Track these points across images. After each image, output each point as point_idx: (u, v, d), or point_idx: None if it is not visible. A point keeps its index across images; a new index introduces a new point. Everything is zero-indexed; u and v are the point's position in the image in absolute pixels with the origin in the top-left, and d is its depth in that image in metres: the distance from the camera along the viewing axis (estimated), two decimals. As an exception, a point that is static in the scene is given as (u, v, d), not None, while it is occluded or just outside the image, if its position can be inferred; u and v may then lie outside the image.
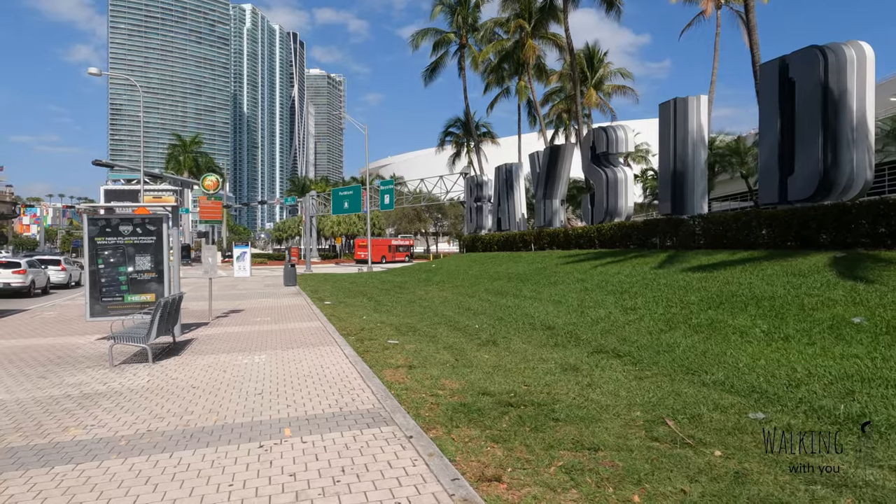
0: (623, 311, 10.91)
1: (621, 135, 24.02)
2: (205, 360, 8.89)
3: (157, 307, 8.63)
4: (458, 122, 50.57)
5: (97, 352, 9.84)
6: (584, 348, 8.91)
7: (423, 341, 10.25)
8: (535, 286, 16.02)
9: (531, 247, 29.23)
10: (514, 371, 7.61)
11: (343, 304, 17.59)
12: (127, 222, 11.31)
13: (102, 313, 11.18)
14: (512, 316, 12.47)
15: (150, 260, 11.41)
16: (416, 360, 8.52)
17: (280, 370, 7.97)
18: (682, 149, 19.77)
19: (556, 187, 29.21)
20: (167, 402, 6.36)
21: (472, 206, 39.66)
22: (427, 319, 13.12)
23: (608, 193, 24.11)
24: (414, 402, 6.18)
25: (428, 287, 21.21)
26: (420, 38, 42.15)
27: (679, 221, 19.16)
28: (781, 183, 15.79)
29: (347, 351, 9.34)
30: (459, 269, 26.17)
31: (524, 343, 9.70)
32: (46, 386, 7.31)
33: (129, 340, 8.53)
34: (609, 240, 22.89)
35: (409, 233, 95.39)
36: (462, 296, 17.23)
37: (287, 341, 10.56)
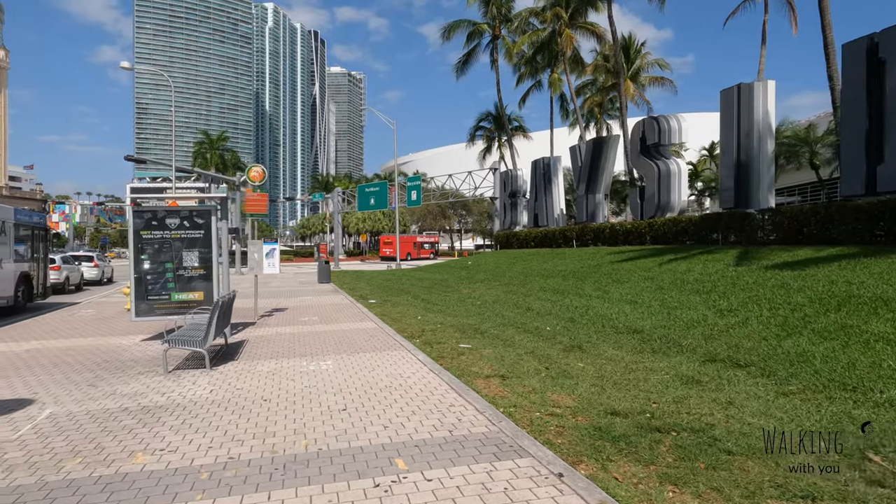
0: (718, 313, 9.81)
1: (674, 124, 22.76)
2: (266, 365, 8.02)
3: (215, 308, 7.78)
4: (490, 117, 49.40)
5: (145, 355, 9.04)
6: (690, 356, 7.85)
7: (497, 345, 9.27)
8: (597, 285, 14.94)
9: (573, 243, 28.07)
10: (625, 383, 6.59)
11: (389, 302, 16.69)
12: (174, 215, 10.52)
13: (148, 312, 10.42)
14: (584, 317, 11.44)
15: (198, 255, 10.61)
16: (503, 369, 7.54)
17: (355, 379, 7.05)
18: (747, 138, 18.51)
19: (600, 181, 28.01)
20: (241, 420, 5.47)
21: (505, 201, 38.61)
22: (489, 320, 12.15)
23: (660, 187, 22.89)
24: (532, 423, 5.21)
25: (473, 285, 20.23)
26: (452, 29, 41.08)
27: (744, 216, 17.89)
28: (869, 173, 14.50)
29: (420, 357, 8.40)
30: (500, 266, 25.14)
31: (614, 349, 8.67)
32: (99, 396, 6.48)
33: (185, 344, 7.68)
34: (662, 236, 21.68)
35: (434, 230, 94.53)
36: (516, 294, 16.21)
37: (347, 344, 9.66)
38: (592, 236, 26.62)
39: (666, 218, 21.90)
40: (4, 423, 5.49)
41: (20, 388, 6.92)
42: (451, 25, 41.19)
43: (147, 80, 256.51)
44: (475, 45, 41.53)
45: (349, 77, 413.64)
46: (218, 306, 7.77)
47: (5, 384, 7.15)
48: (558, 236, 30.01)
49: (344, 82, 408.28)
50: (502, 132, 48.97)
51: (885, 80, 14.02)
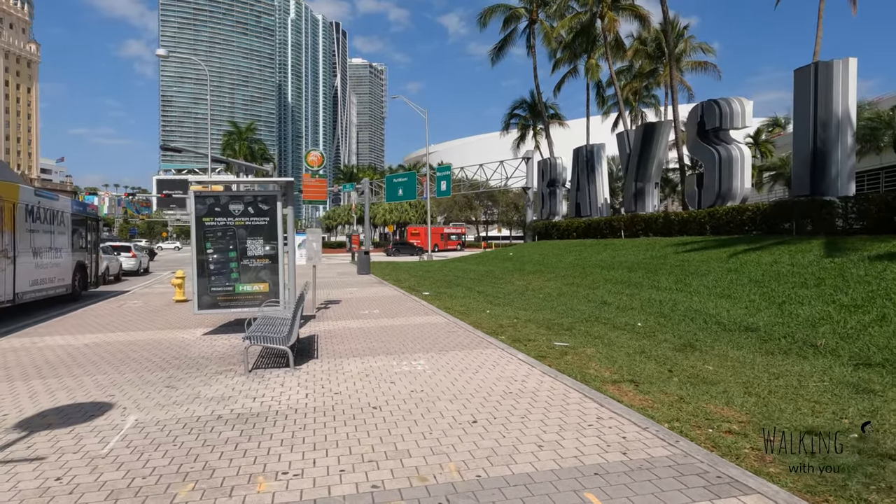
0: (841, 309, 8.78)
1: (736, 108, 21.49)
2: (353, 365, 7.24)
3: (300, 302, 7.02)
4: (524, 104, 48.15)
5: (214, 351, 8.34)
6: (834, 359, 6.88)
7: (596, 344, 8.39)
8: (674, 277, 13.93)
9: (620, 233, 26.95)
10: (781, 392, 5.68)
11: (445, 294, 15.89)
12: (237, 201, 9.80)
13: (211, 305, 9.74)
14: (675, 312, 10.48)
15: (263, 244, 9.88)
16: (623, 372, 6.67)
17: (463, 383, 6.23)
18: (826, 121, 17.25)
19: (650, 169, 26.81)
20: (360, 434, 4.68)
21: (543, 191, 37.53)
22: (566, 315, 11.26)
23: (720, 174, 21.68)
24: (717, 443, 4.33)
25: (526, 277, 19.33)
26: (488, 15, 39.89)
27: (823, 203, 16.67)
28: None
29: (520, 356, 7.56)
30: (547, 257, 24.17)
31: (734, 348, 7.73)
32: (182, 400, 5.76)
33: (268, 342, 6.93)
34: (724, 225, 20.49)
35: (460, 221, 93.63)
36: (580, 287, 15.27)
37: (429, 341, 8.85)
38: (643, 226, 25.46)
39: (728, 206, 20.70)
40: (89, 434, 4.78)
41: (92, 390, 6.24)
42: (487, 11, 40.04)
43: (172, 73, 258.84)
44: (511, 30, 40.33)
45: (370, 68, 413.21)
46: (301, 300, 7.00)
47: (75, 384, 6.49)
48: (604, 226, 28.88)
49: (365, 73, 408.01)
50: (538, 120, 47.76)
51: None
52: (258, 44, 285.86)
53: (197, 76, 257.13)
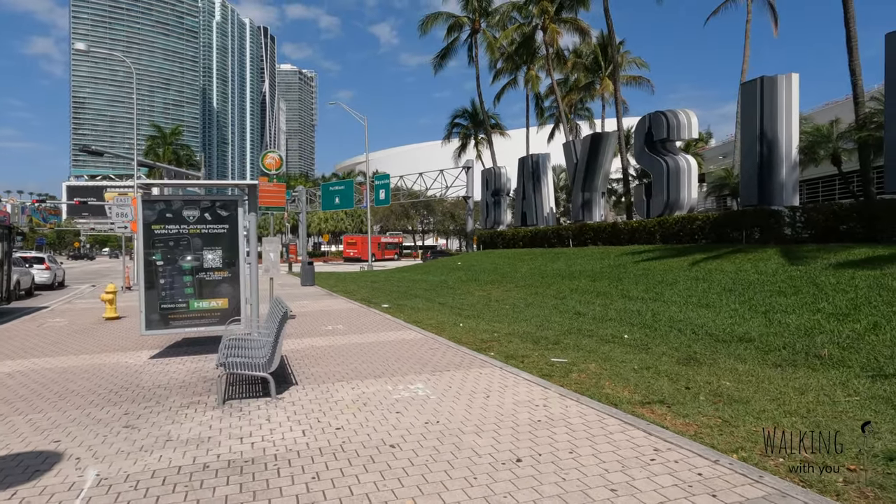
0: (829, 317, 8.75)
1: (683, 119, 22.04)
2: (343, 392, 6.38)
3: (282, 321, 6.09)
4: (466, 113, 48.10)
5: (171, 378, 7.22)
6: (845, 371, 6.70)
7: (595, 359, 7.92)
8: (640, 286, 13.80)
9: (568, 242, 27.10)
10: (823, 410, 5.36)
11: (407, 307, 15.10)
12: (192, 206, 8.69)
13: (161, 324, 8.56)
14: (658, 323, 10.22)
15: (222, 255, 8.81)
16: (643, 391, 6.19)
17: (479, 410, 5.54)
18: (771, 134, 17.87)
19: (597, 178, 27.14)
20: (389, 482, 3.89)
21: (488, 200, 37.41)
22: (546, 328, 10.78)
23: (669, 184, 22.12)
24: (801, 475, 3.87)
25: (484, 287, 18.83)
26: (430, 22, 39.54)
27: (771, 213, 17.21)
28: (918, 168, 13.96)
29: (524, 375, 6.95)
30: (500, 267, 23.83)
31: (738, 361, 7.46)
32: (151, 444, 4.74)
33: (247, 368, 5.96)
34: (675, 234, 20.88)
35: (396, 230, 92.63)
36: (546, 297, 14.91)
37: (414, 360, 8.09)
38: (592, 235, 25.67)
39: (678, 215, 21.12)
40: (39, 500, 3.73)
41: (30, 434, 5.09)
42: (429, 18, 39.71)
43: (86, 73, 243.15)
44: (454, 38, 40.17)
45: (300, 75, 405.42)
46: (284, 319, 6.08)
47: (5, 428, 5.29)
48: (551, 235, 28.98)
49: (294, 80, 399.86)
50: (479, 129, 47.81)
51: (937, 71, 13.47)
52: (181, 46, 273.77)
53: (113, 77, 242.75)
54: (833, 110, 24.83)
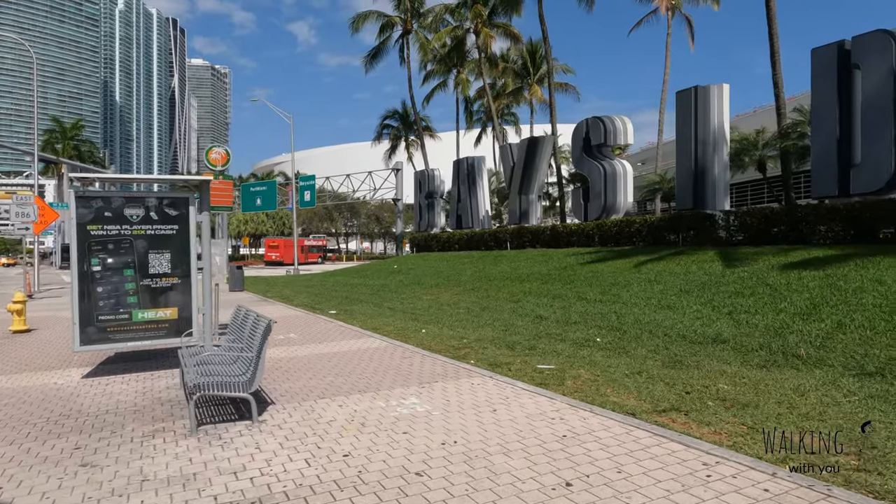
0: (793, 318, 9.01)
1: (619, 125, 22.65)
2: (331, 410, 5.73)
3: (265, 333, 5.37)
4: (396, 115, 47.46)
5: (118, 402, 6.27)
6: (828, 370, 6.82)
7: (578, 364, 7.70)
8: (595, 288, 13.86)
9: (506, 245, 27.20)
10: (835, 413, 5.35)
11: (357, 313, 14.40)
12: (136, 204, 7.69)
13: (98, 339, 7.50)
14: (625, 325, 10.20)
15: (171, 259, 7.85)
16: (647, 398, 5.99)
17: (493, 426, 5.09)
18: (704, 140, 18.62)
19: (534, 182, 27.42)
20: (439, 520, 3.37)
21: (421, 202, 37.01)
22: (513, 332, 10.51)
23: (606, 188, 22.63)
24: (868, 487, 3.72)
25: (430, 291, 18.39)
26: (361, 20, 38.62)
27: (707, 216, 17.94)
28: (842, 176, 14.90)
29: (522, 385, 6.58)
30: (441, 270, 23.49)
31: (723, 363, 7.46)
32: (124, 488, 3.94)
33: (224, 389, 5.19)
34: (613, 237, 21.37)
35: (319, 232, 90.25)
36: (500, 300, 14.69)
37: (392, 371, 7.52)
38: (531, 238, 25.88)
39: (617, 219, 21.64)
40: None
41: (-42, 482, 4.12)
42: (360, 16, 38.80)
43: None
44: (386, 38, 39.51)
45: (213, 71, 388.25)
46: (268, 329, 5.36)
47: (-78, 475, 4.27)
48: (489, 238, 29.00)
49: (207, 76, 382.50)
50: (409, 131, 47.33)
51: (860, 86, 14.44)
52: (78, 34, 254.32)
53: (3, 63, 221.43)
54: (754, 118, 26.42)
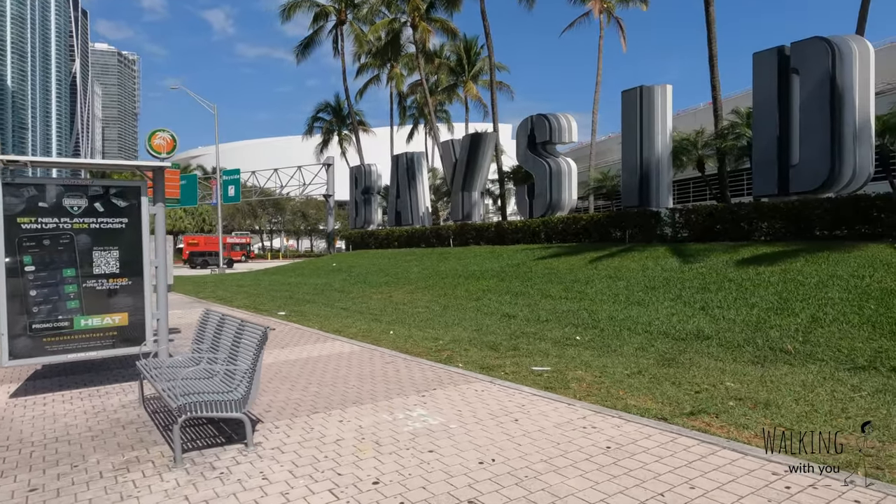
0: (767, 312, 9.15)
1: (564, 123, 22.81)
2: (333, 427, 5.06)
3: (261, 342, 4.62)
4: (329, 108, 45.91)
5: (66, 426, 5.30)
6: (821, 364, 6.88)
7: (570, 365, 7.41)
8: (558, 286, 13.71)
9: (449, 242, 26.85)
10: (857, 410, 5.29)
11: (310, 314, 13.53)
12: (77, 193, 6.64)
13: (33, 351, 6.41)
14: (600, 322, 10.04)
15: (120, 257, 6.84)
16: (665, 399, 5.75)
17: (524, 439, 4.62)
18: (649, 140, 19.02)
19: (477, 178, 27.22)
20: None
21: (357, 199, 36.01)
22: (488, 332, 10.11)
23: (552, 185, 22.74)
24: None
25: (380, 289, 17.68)
26: (292, 8, 36.99)
27: (653, 214, 18.34)
28: (781, 175, 15.58)
29: (528, 390, 6.15)
30: (384, 268, 22.77)
31: (716, 360, 7.39)
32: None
33: (214, 409, 4.40)
34: (559, 233, 21.50)
35: (242, 229, 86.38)
36: (460, 299, 14.26)
37: (380, 378, 6.90)
38: (475, 235, 25.65)
39: (563, 216, 21.78)
40: None
41: None
42: (291, 4, 37.13)
43: None
44: (319, 28, 38.09)
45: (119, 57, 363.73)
46: (265, 339, 4.62)
47: None
48: (430, 235, 28.53)
49: (113, 62, 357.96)
50: (343, 125, 45.98)
51: (799, 90, 15.13)
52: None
53: None
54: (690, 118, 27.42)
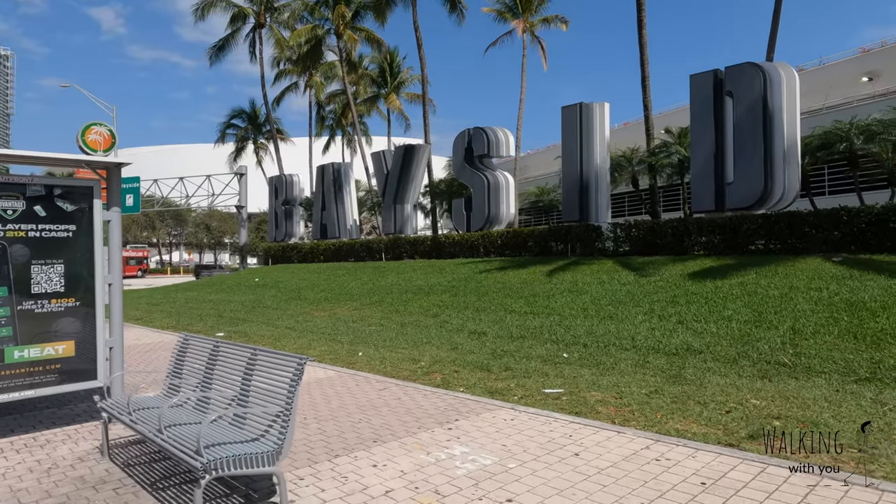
0: (745, 325, 9.23)
1: (501, 137, 22.82)
2: (366, 474, 4.24)
3: (297, 374, 3.74)
4: (244, 115, 43.40)
5: (5, 491, 4.10)
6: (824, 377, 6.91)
7: (579, 385, 6.99)
8: (518, 300, 13.35)
9: (380, 256, 26.00)
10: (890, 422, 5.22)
11: (254, 335, 12.27)
12: (11, 193, 5.39)
13: (-51, 393, 5.03)
14: (580, 339, 9.74)
15: (66, 272, 5.63)
16: (706, 421, 5.43)
17: (601, 479, 4.06)
18: (589, 155, 19.34)
19: (410, 191, 26.58)
20: None
21: (277, 210, 34.19)
22: (466, 351, 9.51)
23: (489, 199, 22.59)
24: None
25: (320, 306, 16.53)
26: (208, 7, 34.63)
27: (595, 228, 18.62)
28: (718, 192, 16.25)
29: (560, 416, 5.61)
30: (319, 283, 21.53)
31: (721, 377, 7.24)
32: None
33: (247, 465, 3.47)
34: (500, 247, 21.37)
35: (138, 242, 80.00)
36: (414, 315, 13.53)
37: (385, 409, 6.09)
38: (408, 249, 24.99)
39: (503, 230, 21.67)
40: None
41: None
42: (206, 2, 34.86)
43: None
44: (236, 30, 36.04)
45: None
46: (301, 374, 3.75)
47: None
48: (360, 249, 27.52)
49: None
50: (259, 133, 43.70)
51: (733, 112, 15.88)
52: None
53: None
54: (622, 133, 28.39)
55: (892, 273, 10.51)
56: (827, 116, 23.39)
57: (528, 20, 36.98)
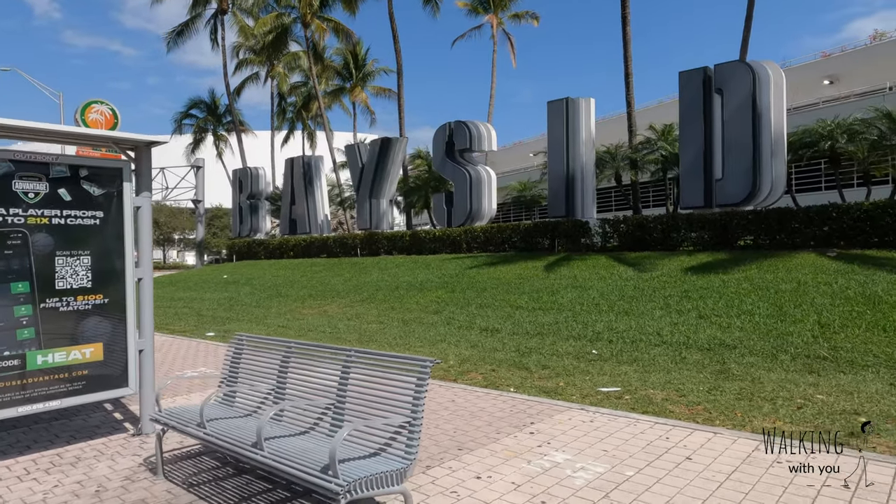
0: (769, 319, 9.21)
1: (483, 131, 22.49)
2: (481, 491, 3.82)
3: (422, 378, 3.29)
4: (202, 105, 41.52)
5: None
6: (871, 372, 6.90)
7: (632, 382, 6.74)
8: (522, 297, 13.05)
9: (356, 252, 25.30)
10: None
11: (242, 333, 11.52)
12: (32, 175, 4.68)
13: (-36, 407, 4.31)
14: (605, 334, 9.53)
15: (93, 265, 4.95)
16: (790, 418, 5.25)
17: (741, 487, 3.78)
18: (575, 151, 19.28)
19: (385, 186, 25.94)
20: None
21: (242, 204, 32.91)
22: (482, 348, 9.16)
23: (471, 194, 22.24)
24: None
25: (306, 303, 15.82)
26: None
27: (582, 224, 18.56)
28: (707, 188, 16.43)
29: (641, 418, 5.32)
30: (296, 280, 20.70)
31: (766, 371, 7.14)
32: None
33: (377, 485, 2.99)
34: (483, 243, 21.07)
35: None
36: (415, 312, 13.06)
37: (447, 412, 5.67)
38: (385, 244, 24.38)
39: (486, 225, 21.37)
40: None
41: None
42: (164, -16, 33.08)
43: None
44: (197, 15, 34.39)
45: None
46: (426, 375, 3.30)
47: None
48: (333, 244, 26.70)
49: None
50: (219, 125, 41.95)
51: (723, 108, 16.07)
52: None
53: None
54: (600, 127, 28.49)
55: (893, 268, 10.77)
56: (794, 118, 24.17)
57: (499, 15, 36.89)
